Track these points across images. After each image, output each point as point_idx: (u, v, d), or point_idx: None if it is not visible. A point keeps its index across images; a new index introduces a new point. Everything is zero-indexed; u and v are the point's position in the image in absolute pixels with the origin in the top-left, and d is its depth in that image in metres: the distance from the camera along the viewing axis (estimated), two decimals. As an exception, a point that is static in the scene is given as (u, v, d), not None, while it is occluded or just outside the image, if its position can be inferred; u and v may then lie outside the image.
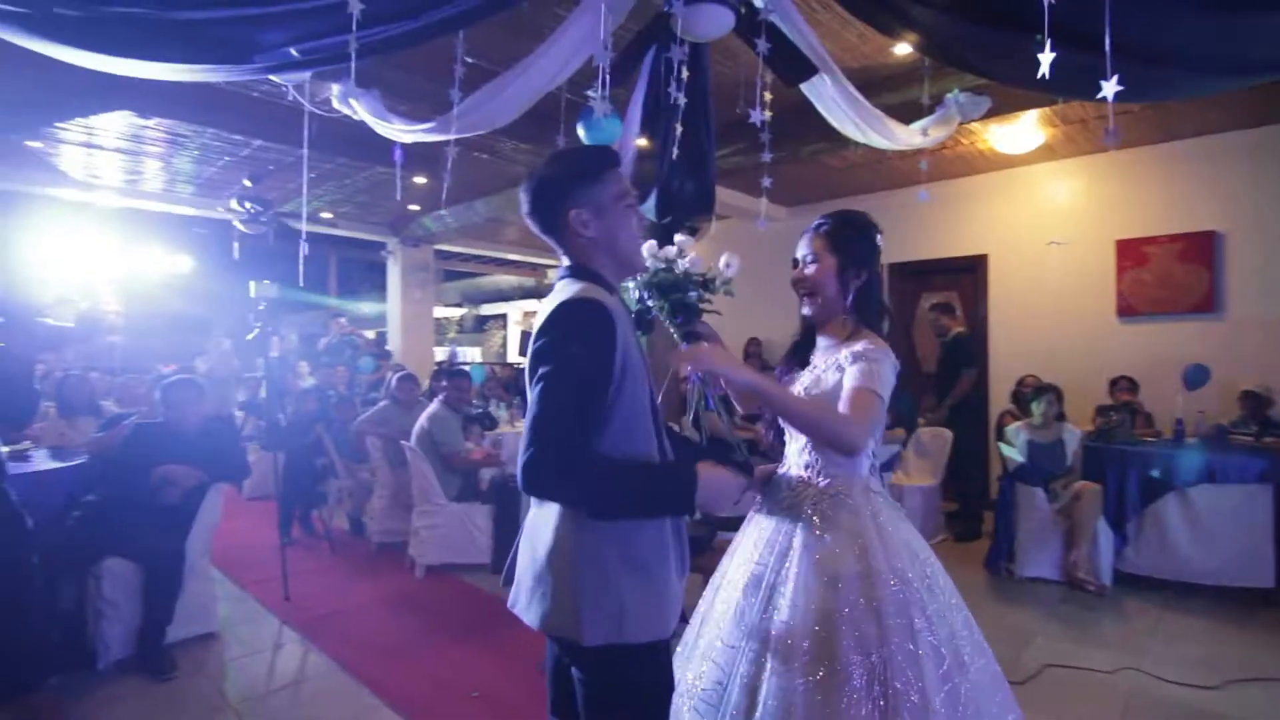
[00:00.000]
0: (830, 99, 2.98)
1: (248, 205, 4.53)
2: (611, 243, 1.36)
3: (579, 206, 1.33)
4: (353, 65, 2.12)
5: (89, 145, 5.38)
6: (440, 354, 11.43)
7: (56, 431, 4.17)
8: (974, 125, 4.78)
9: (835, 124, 3.19)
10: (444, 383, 4.61)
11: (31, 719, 2.45)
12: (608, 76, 2.37)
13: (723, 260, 1.92)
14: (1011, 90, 3.48)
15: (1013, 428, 4.37)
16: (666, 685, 1.38)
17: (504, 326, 13.67)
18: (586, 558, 1.26)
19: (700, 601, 1.74)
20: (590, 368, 1.23)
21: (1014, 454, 4.25)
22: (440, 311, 14.85)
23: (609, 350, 1.25)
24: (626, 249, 1.39)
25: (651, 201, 3.64)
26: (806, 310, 1.69)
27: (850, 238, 1.65)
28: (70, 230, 7.65)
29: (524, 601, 1.33)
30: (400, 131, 3.42)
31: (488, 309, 14.32)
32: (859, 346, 1.55)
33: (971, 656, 1.49)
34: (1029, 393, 4.46)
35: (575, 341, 1.24)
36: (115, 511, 3.09)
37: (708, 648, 1.60)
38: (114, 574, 2.98)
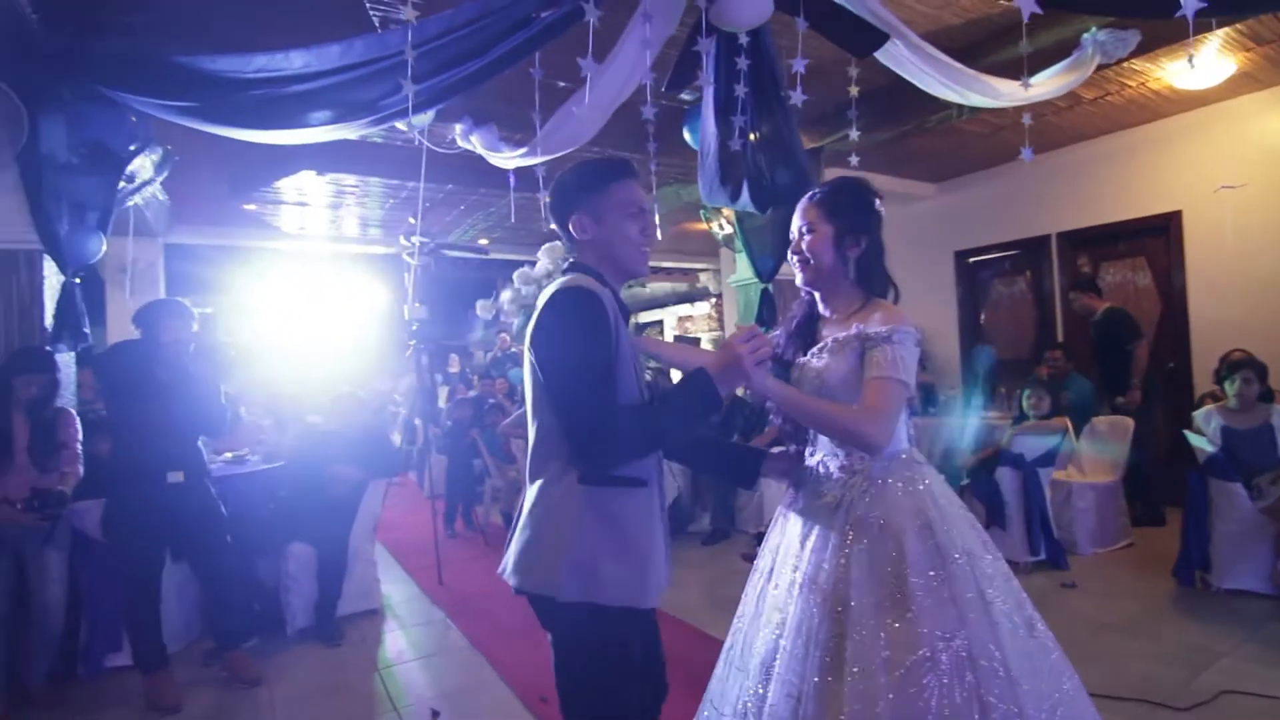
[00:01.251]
0: (910, 64, 2.78)
1: (414, 239, 5.21)
2: (607, 247, 1.46)
3: (580, 213, 1.45)
4: (409, 106, 2.37)
5: (297, 203, 6.52)
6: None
7: (272, 440, 5.09)
8: (1139, 64, 4.13)
9: (926, 89, 2.97)
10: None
11: (236, 669, 3.05)
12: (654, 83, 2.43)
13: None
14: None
15: (1202, 412, 3.69)
16: (638, 658, 1.40)
17: (660, 332, 14.03)
18: (570, 520, 1.34)
19: (741, 605, 1.67)
20: (594, 346, 1.32)
21: (1203, 443, 3.58)
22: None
23: (603, 327, 1.34)
24: (621, 254, 1.47)
25: (746, 195, 3.63)
26: (802, 283, 1.64)
27: (845, 204, 1.58)
28: (288, 274, 9.22)
29: (510, 565, 1.41)
30: (506, 159, 3.76)
31: (644, 316, 14.80)
32: (876, 324, 1.47)
33: (1033, 617, 1.45)
34: (1224, 370, 3.74)
35: (574, 328, 1.33)
36: (298, 504, 3.72)
37: (766, 658, 1.50)
38: (297, 556, 3.60)
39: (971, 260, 6.63)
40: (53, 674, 2.95)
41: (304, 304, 10.03)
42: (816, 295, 1.65)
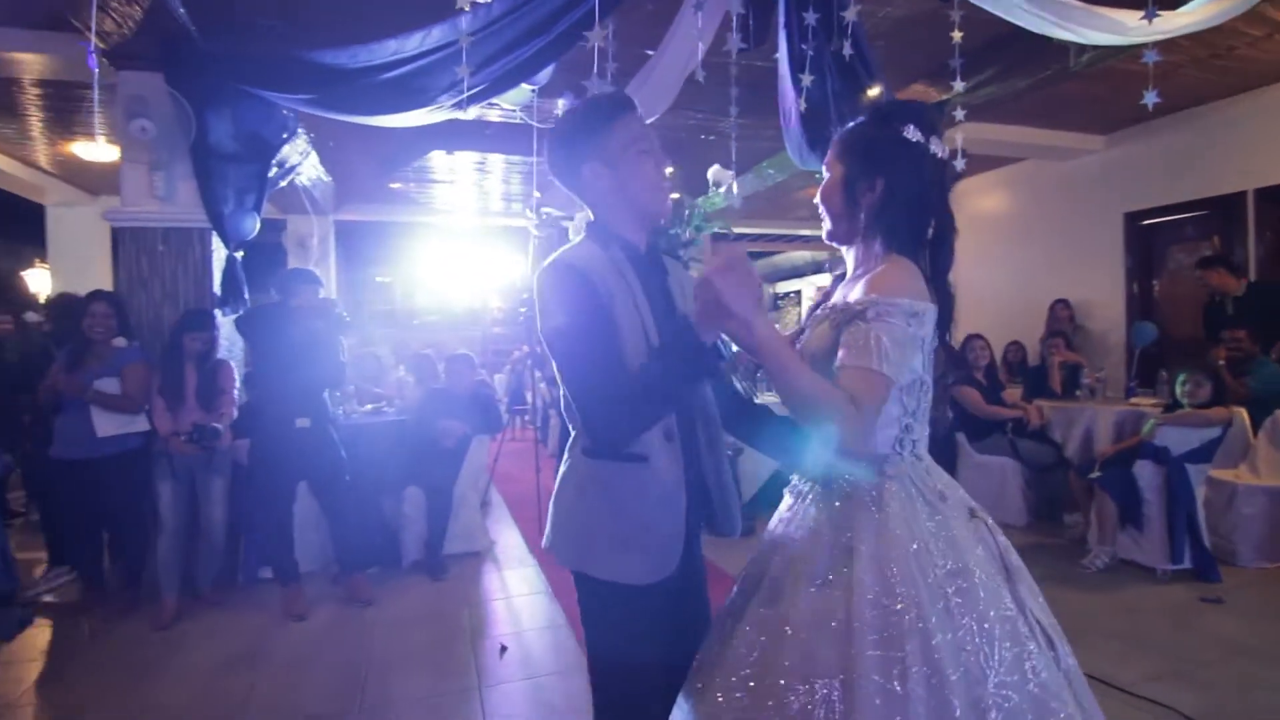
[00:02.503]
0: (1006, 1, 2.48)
1: (543, 212, 5.52)
2: (624, 191, 1.35)
3: (591, 160, 1.34)
4: (465, 93, 2.51)
5: (437, 180, 7.12)
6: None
7: (411, 396, 5.69)
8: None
9: (1033, 29, 2.62)
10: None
11: (353, 591, 3.53)
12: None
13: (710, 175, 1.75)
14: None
15: None
16: (640, 633, 1.34)
17: (798, 303, 13.60)
18: (574, 490, 1.37)
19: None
20: (584, 332, 1.27)
21: None
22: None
23: (589, 304, 1.28)
24: (641, 196, 1.36)
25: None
26: (825, 237, 1.37)
27: (859, 139, 1.28)
28: (443, 246, 10.07)
29: (546, 533, 1.45)
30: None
31: (782, 286, 14.40)
32: (860, 290, 1.19)
33: (1015, 714, 1.06)
34: None
35: (556, 309, 1.29)
36: (415, 452, 4.16)
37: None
38: (411, 498, 4.04)
39: (1145, 223, 5.75)
40: (218, 579, 3.60)
41: (457, 273, 10.94)
42: (844, 252, 1.37)
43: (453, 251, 10.55)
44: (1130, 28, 2.47)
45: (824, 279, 12.81)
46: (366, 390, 5.24)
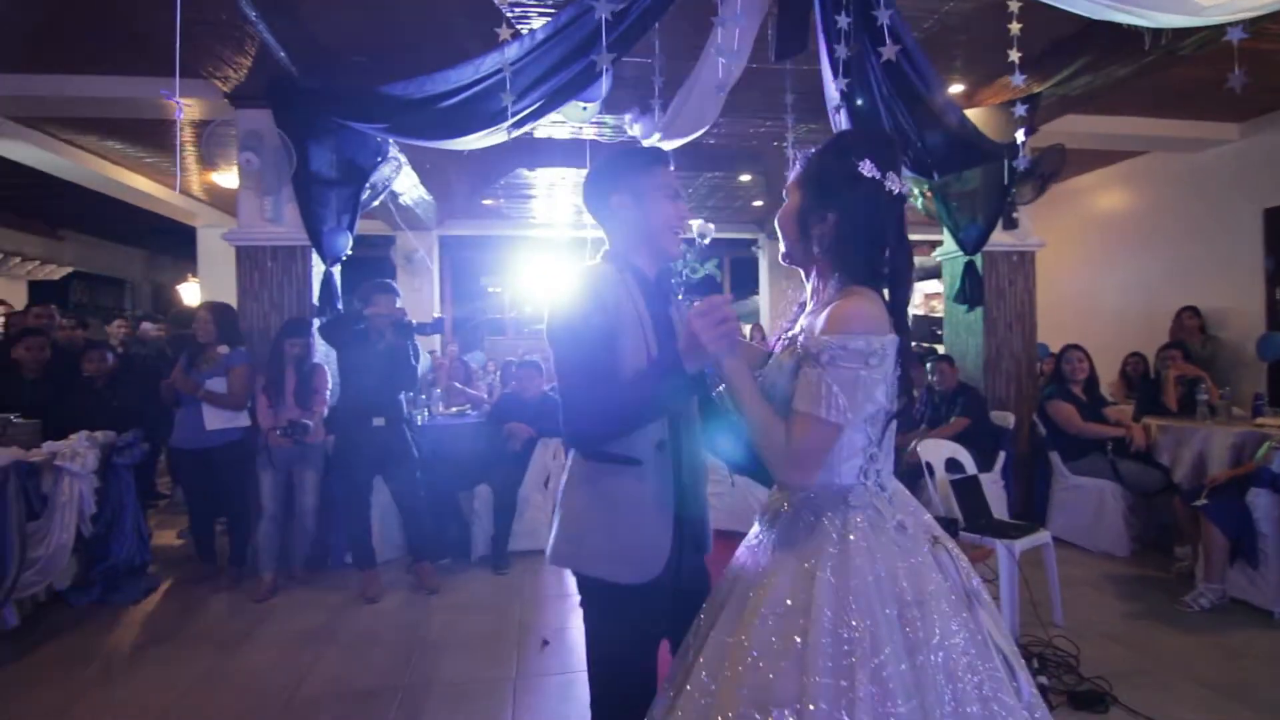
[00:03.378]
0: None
1: None
2: (645, 224, 1.50)
3: (621, 192, 1.50)
4: (511, 114, 2.68)
5: (533, 195, 7.50)
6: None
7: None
8: None
9: (1087, 14, 2.43)
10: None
11: (421, 578, 3.81)
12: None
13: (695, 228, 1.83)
14: None
15: None
16: (615, 633, 1.43)
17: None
18: (570, 490, 1.47)
19: None
20: (584, 342, 1.39)
21: None
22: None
23: (592, 318, 1.39)
24: (658, 231, 1.50)
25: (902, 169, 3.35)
26: (780, 253, 1.41)
27: (814, 171, 1.29)
28: (548, 258, 10.49)
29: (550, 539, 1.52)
30: (658, 143, 3.95)
31: (888, 294, 13.77)
32: (820, 327, 1.18)
33: None
34: None
35: (563, 314, 1.43)
36: (486, 453, 4.42)
37: None
38: (481, 496, 4.29)
39: (1291, 220, 5.07)
40: (309, 561, 4.01)
41: (556, 284, 11.35)
42: (803, 276, 1.39)
43: (551, 263, 10.97)
44: (1204, 7, 2.23)
45: (934, 285, 12.15)
46: (458, 393, 5.62)
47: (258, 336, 4.14)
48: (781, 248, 1.38)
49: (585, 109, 3.79)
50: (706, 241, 2.16)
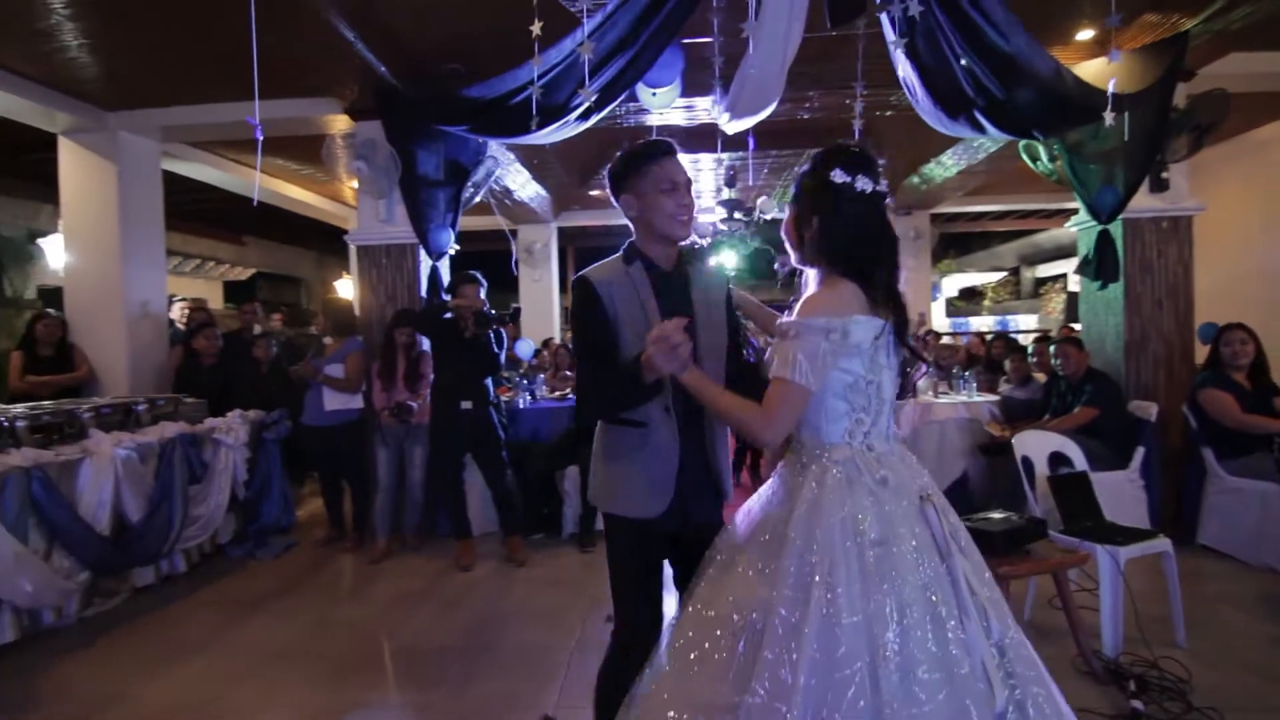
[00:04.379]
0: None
1: (735, 212, 5.70)
2: (648, 220, 1.67)
3: (626, 193, 1.69)
4: (586, 106, 2.74)
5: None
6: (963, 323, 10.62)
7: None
8: None
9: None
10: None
11: (510, 551, 4.08)
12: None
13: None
14: None
15: None
16: (625, 559, 1.72)
17: (1064, 288, 11.60)
18: (596, 444, 1.78)
19: None
20: (585, 330, 1.71)
21: None
22: (977, 278, 13.89)
23: (592, 309, 1.67)
24: (660, 225, 1.67)
25: (990, 124, 3.08)
26: (792, 259, 1.60)
27: (798, 186, 1.51)
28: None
29: None
30: (728, 126, 3.89)
31: (1043, 270, 12.42)
32: (795, 312, 1.43)
33: (908, 663, 1.22)
34: None
35: (574, 317, 1.75)
36: (575, 434, 4.61)
37: None
38: (570, 476, 4.49)
39: None
40: (419, 529, 4.42)
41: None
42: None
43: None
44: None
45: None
46: (563, 378, 5.89)
47: (375, 326, 4.59)
48: (791, 255, 1.57)
49: (655, 95, 3.81)
50: (766, 217, 2.14)
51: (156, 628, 3.26)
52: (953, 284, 13.85)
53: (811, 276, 1.52)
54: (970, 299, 14.80)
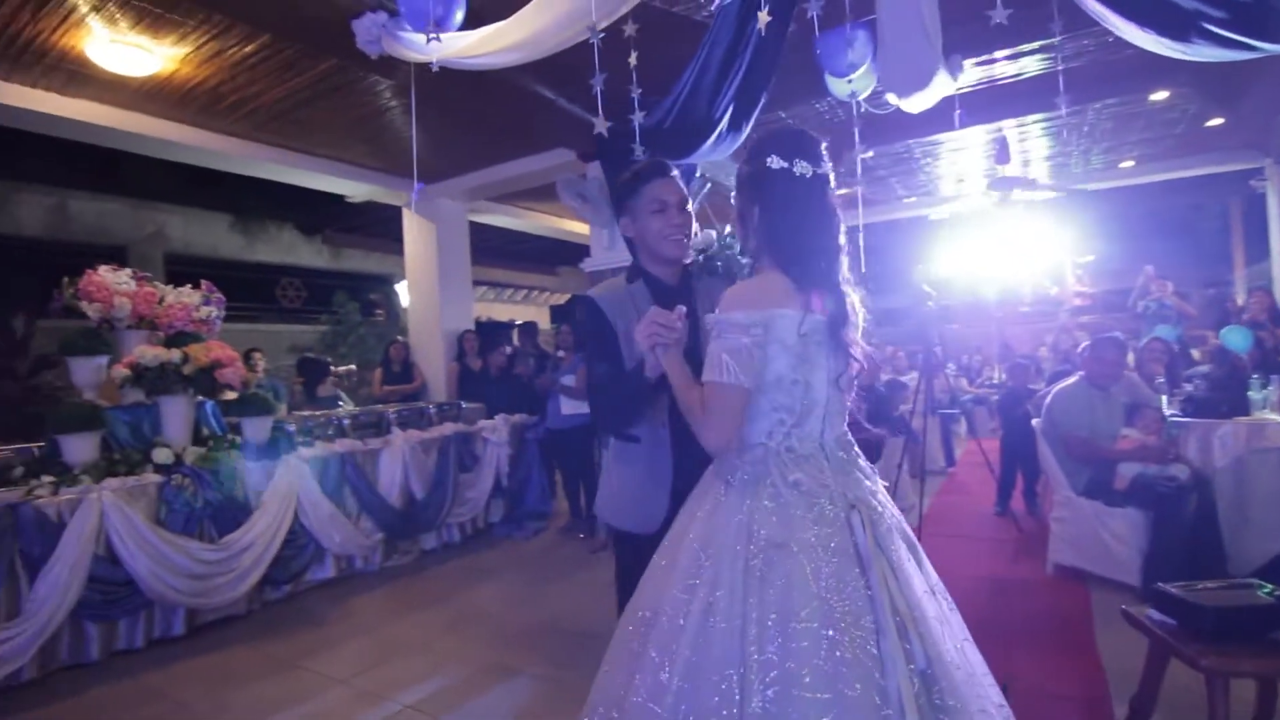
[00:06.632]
0: None
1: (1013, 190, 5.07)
2: (641, 240, 1.74)
3: (623, 215, 1.77)
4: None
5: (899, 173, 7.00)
6: None
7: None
8: None
9: None
10: (1084, 352, 3.80)
11: (604, 546, 4.29)
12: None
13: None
14: None
15: None
16: (626, 571, 1.71)
17: None
18: (605, 461, 1.89)
19: None
20: (594, 344, 1.77)
21: None
22: None
23: (599, 325, 1.72)
24: (652, 243, 1.72)
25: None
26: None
27: (738, 177, 1.45)
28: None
29: None
30: (908, 105, 3.48)
31: None
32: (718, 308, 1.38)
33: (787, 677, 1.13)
34: None
35: (585, 334, 1.96)
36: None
37: None
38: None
39: None
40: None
41: (996, 259, 9.88)
42: None
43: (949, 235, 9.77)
44: None
45: None
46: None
47: (607, 342, 5.17)
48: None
49: (850, 81, 3.58)
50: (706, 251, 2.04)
51: (421, 582, 4.22)
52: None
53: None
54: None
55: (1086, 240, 11.89)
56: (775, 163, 1.36)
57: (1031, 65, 4.34)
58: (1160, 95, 4.84)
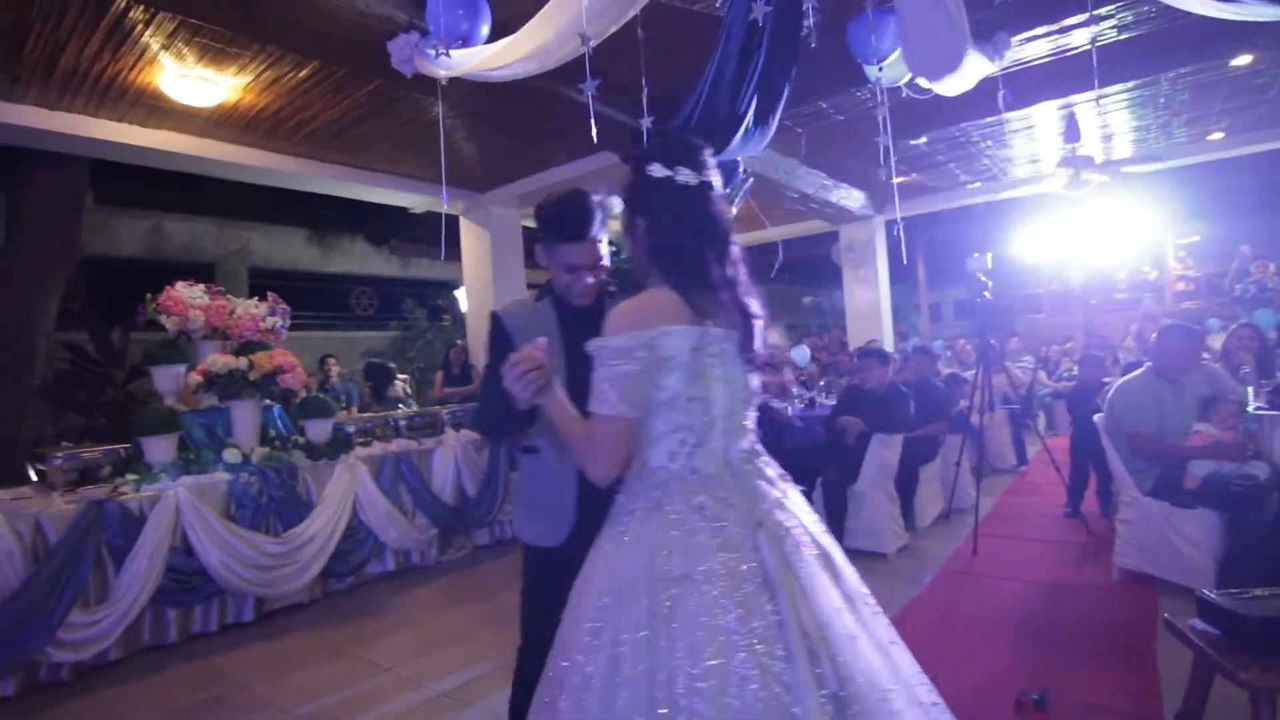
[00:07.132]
0: None
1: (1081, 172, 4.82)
2: (553, 276, 1.71)
3: (543, 251, 1.71)
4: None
5: (964, 155, 6.69)
6: None
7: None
8: None
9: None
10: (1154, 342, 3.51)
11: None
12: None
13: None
14: None
15: None
16: (529, 583, 1.75)
17: None
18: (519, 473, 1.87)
19: None
20: (491, 358, 1.70)
21: None
22: None
23: (497, 340, 1.69)
24: (559, 289, 1.71)
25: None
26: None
27: (623, 189, 1.39)
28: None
29: None
30: (943, 89, 3.37)
31: None
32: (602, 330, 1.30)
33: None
34: None
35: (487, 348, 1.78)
36: (825, 445, 4.42)
37: None
38: (818, 489, 4.33)
39: None
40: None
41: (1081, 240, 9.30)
42: None
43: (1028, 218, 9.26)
44: None
45: None
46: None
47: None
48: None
49: (882, 69, 3.47)
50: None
51: (472, 576, 4.38)
52: None
53: None
54: None
55: (1188, 220, 10.98)
56: (657, 171, 1.30)
57: (1080, 38, 4.04)
58: (1243, 60, 4.41)
